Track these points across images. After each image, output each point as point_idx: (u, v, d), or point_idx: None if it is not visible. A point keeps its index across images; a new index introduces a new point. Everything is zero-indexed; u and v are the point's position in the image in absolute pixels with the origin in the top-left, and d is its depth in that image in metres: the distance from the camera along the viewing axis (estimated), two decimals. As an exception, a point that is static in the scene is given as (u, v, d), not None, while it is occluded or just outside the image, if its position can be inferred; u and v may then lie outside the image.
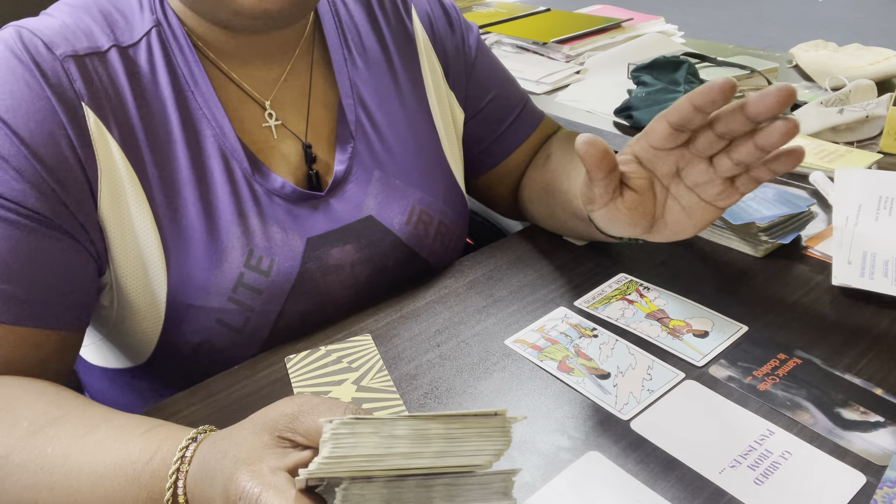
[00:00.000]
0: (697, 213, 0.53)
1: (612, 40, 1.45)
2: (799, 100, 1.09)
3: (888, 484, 0.47)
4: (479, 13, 1.67)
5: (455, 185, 0.75)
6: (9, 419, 0.48)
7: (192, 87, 0.61)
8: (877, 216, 0.74)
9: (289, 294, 0.63)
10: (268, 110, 0.65)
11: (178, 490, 0.42)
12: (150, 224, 0.58)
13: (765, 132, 0.46)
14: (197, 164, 0.60)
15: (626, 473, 0.48)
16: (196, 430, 0.45)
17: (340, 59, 0.69)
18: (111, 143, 0.57)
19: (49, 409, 0.49)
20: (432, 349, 0.62)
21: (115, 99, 0.57)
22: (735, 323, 0.63)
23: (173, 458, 0.43)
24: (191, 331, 0.61)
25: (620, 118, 1.11)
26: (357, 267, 0.67)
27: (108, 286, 0.61)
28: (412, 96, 0.73)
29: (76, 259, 0.56)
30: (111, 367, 0.70)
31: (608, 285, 0.69)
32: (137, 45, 0.59)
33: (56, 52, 0.55)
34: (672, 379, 0.57)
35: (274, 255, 0.62)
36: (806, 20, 4.53)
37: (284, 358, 0.61)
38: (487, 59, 0.80)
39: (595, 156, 0.49)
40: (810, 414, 0.53)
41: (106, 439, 0.46)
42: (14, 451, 0.47)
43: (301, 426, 0.40)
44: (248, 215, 0.61)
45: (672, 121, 0.48)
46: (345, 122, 0.68)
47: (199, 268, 0.60)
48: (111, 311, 0.63)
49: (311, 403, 0.41)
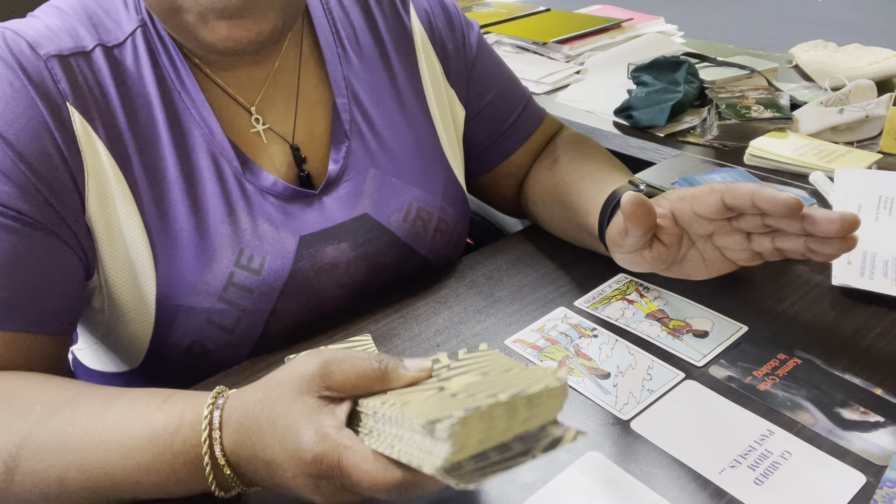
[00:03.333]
0: (716, 266, 0.57)
1: (612, 40, 1.45)
2: (799, 100, 1.09)
3: (888, 484, 0.47)
4: (479, 13, 1.67)
5: (455, 182, 0.74)
6: (21, 405, 0.49)
7: (179, 88, 0.60)
8: (877, 216, 0.74)
9: (280, 292, 0.63)
10: (254, 115, 0.64)
11: (217, 453, 0.44)
12: (137, 224, 0.58)
13: (821, 242, 0.49)
14: (185, 164, 0.60)
15: (626, 473, 0.48)
16: (212, 395, 0.46)
17: (333, 57, 0.68)
18: (97, 142, 0.57)
19: (59, 391, 0.50)
20: (432, 349, 0.62)
21: (101, 99, 0.57)
22: (735, 323, 0.63)
23: (201, 425, 0.44)
24: (182, 332, 0.61)
25: (620, 118, 1.11)
26: (353, 265, 0.66)
27: (99, 288, 0.61)
28: (410, 93, 0.72)
29: (64, 261, 0.56)
30: (108, 371, 0.70)
31: (608, 285, 0.69)
32: (123, 45, 0.59)
33: (40, 52, 0.55)
34: (672, 379, 0.57)
35: (265, 253, 0.62)
36: (806, 20, 4.53)
37: (284, 358, 0.61)
38: (489, 58, 0.80)
39: (641, 217, 0.51)
40: (810, 414, 0.53)
41: (124, 415, 0.47)
42: (34, 433, 0.47)
43: (334, 383, 0.42)
44: (238, 213, 0.61)
45: (728, 202, 0.51)
46: (339, 121, 0.67)
47: (189, 268, 0.59)
48: (103, 315, 0.62)
49: (335, 360, 0.43)
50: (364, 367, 0.42)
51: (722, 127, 1.01)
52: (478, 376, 0.41)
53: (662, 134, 1.06)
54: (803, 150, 0.93)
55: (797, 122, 1.01)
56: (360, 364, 0.42)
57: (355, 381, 0.42)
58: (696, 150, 1.00)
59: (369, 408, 0.41)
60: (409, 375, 0.43)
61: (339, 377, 0.42)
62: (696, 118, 1.09)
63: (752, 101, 1.04)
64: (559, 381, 0.38)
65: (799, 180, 0.89)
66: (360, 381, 0.42)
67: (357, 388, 0.42)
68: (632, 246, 0.55)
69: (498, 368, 0.42)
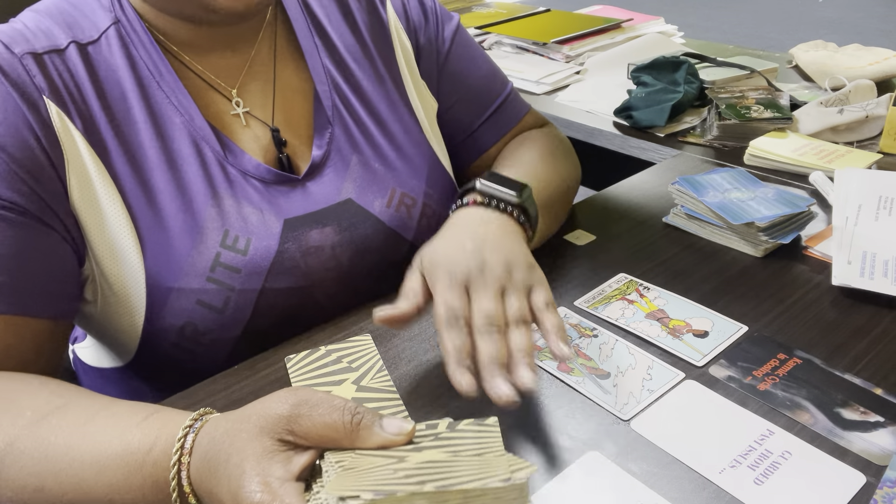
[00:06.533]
0: None
1: (612, 41, 1.45)
2: (799, 100, 1.09)
3: (888, 484, 0.47)
4: (478, 13, 1.67)
5: (438, 166, 0.75)
6: (13, 409, 0.49)
7: (157, 77, 0.62)
8: (877, 216, 0.74)
9: (268, 272, 0.63)
10: (234, 98, 0.66)
11: (183, 481, 0.43)
12: (120, 210, 0.59)
13: None
14: (166, 150, 0.61)
15: (626, 473, 0.48)
16: (192, 417, 0.45)
17: (311, 46, 0.70)
18: (74, 133, 0.58)
19: (51, 398, 0.50)
20: (432, 349, 0.62)
21: (76, 92, 0.59)
22: (735, 323, 0.63)
23: (173, 448, 0.43)
24: (173, 314, 0.61)
25: (620, 118, 1.11)
26: (338, 249, 0.67)
27: (91, 278, 0.62)
28: (389, 82, 0.73)
29: (57, 248, 0.58)
30: (107, 366, 0.70)
31: (608, 285, 0.69)
32: (97, 42, 0.61)
33: (14, 51, 0.57)
34: (672, 379, 0.57)
35: (250, 234, 0.62)
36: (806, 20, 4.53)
37: (284, 358, 0.61)
38: (463, 51, 0.80)
39: (396, 325, 0.55)
40: (810, 414, 0.53)
41: (105, 428, 0.47)
42: (19, 439, 0.47)
43: (299, 428, 0.40)
44: (221, 196, 0.62)
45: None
46: (321, 109, 0.69)
47: (175, 250, 0.60)
48: (95, 307, 0.63)
49: (307, 404, 0.41)
50: (334, 418, 0.41)
51: (722, 127, 1.01)
52: (446, 455, 0.39)
53: (662, 134, 1.06)
54: (803, 150, 0.93)
55: (797, 123, 1.01)
56: (330, 415, 0.41)
57: (321, 432, 0.41)
58: (696, 151, 1.00)
59: (329, 464, 0.40)
60: (382, 437, 0.41)
61: (306, 424, 0.40)
62: (696, 118, 1.09)
63: (752, 102, 1.04)
64: (506, 482, 0.35)
65: (799, 180, 0.89)
66: (326, 432, 0.41)
67: (322, 440, 0.41)
68: None
69: (476, 450, 0.40)
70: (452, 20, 0.80)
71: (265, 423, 0.41)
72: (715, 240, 0.76)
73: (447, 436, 0.42)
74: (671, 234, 0.79)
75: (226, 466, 0.40)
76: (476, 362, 0.50)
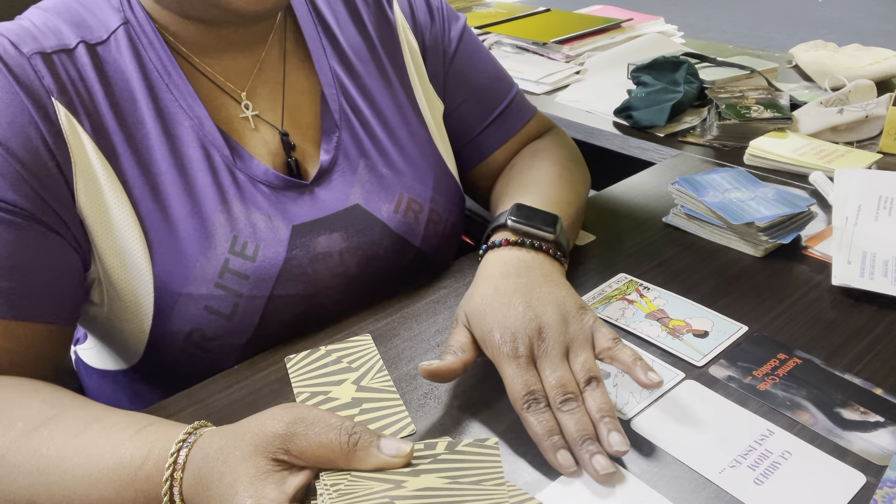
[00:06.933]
0: None
1: (612, 40, 1.45)
2: (799, 100, 1.09)
3: (888, 484, 0.47)
4: (479, 13, 1.67)
5: (445, 171, 0.75)
6: (4, 419, 0.49)
7: (166, 79, 0.61)
8: (877, 216, 0.74)
9: (276, 279, 0.63)
10: (244, 101, 0.65)
11: (175, 497, 0.42)
12: (129, 214, 0.59)
13: None
14: (175, 154, 0.61)
15: (626, 473, 0.48)
16: (185, 431, 0.45)
17: (318, 49, 0.69)
18: (83, 135, 0.57)
19: (43, 408, 0.49)
20: (432, 349, 0.62)
21: (85, 94, 0.58)
22: (735, 323, 0.63)
23: (165, 463, 0.43)
24: (181, 320, 0.61)
25: (620, 118, 1.11)
26: (346, 255, 0.66)
27: (97, 281, 0.61)
28: (397, 84, 0.73)
29: (60, 252, 0.57)
30: (111, 368, 0.70)
31: (608, 285, 0.69)
32: (106, 42, 0.60)
33: (23, 51, 0.56)
34: (672, 379, 0.57)
35: (259, 241, 0.62)
36: (806, 20, 4.53)
37: (284, 358, 0.61)
38: (470, 52, 0.79)
39: (444, 379, 0.53)
40: (810, 414, 0.53)
41: (97, 441, 0.46)
42: (10, 451, 0.47)
43: (295, 448, 0.40)
44: (231, 202, 0.62)
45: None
46: (329, 113, 0.68)
47: (184, 255, 0.60)
48: (102, 309, 0.63)
49: (303, 422, 0.41)
50: (330, 438, 0.40)
51: (722, 127, 1.01)
52: (445, 481, 0.38)
53: (662, 134, 1.06)
54: (803, 150, 0.93)
55: (797, 122, 1.01)
56: (326, 434, 0.40)
57: (317, 451, 0.40)
58: (696, 151, 1.01)
59: (324, 487, 0.39)
60: (380, 458, 0.41)
61: (301, 443, 0.40)
62: (696, 118, 1.09)
63: (751, 102, 1.04)
64: None
65: (799, 180, 0.89)
66: (322, 452, 0.40)
67: (318, 460, 0.40)
68: None
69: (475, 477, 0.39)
70: (459, 20, 0.79)
71: (260, 442, 0.40)
72: (715, 240, 0.76)
73: (446, 458, 0.41)
74: (671, 234, 0.79)
75: (218, 486, 0.40)
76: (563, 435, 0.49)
